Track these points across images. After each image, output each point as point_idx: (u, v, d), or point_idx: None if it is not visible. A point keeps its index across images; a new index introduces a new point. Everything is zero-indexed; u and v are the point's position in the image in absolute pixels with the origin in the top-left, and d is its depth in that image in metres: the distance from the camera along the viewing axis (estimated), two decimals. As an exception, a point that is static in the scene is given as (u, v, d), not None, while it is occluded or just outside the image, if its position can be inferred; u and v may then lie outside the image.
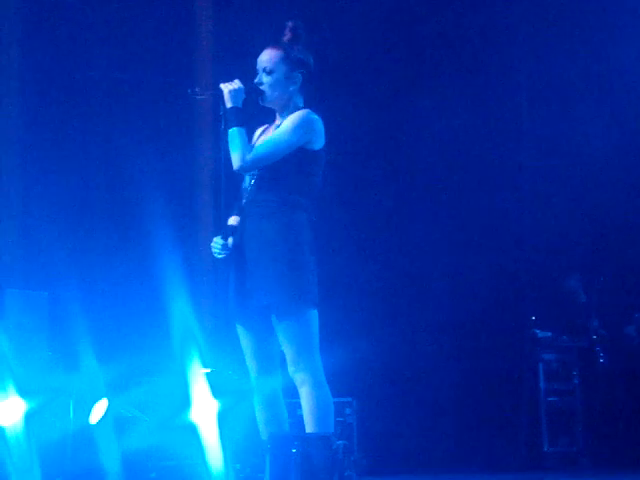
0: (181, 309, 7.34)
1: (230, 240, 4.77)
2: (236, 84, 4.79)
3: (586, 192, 9.06)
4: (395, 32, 8.79)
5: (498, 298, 8.75)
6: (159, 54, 7.95)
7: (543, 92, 9.06)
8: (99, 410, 7.19)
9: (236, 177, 4.83)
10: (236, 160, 4.71)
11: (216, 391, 6.97)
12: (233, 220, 4.89)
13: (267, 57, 4.84)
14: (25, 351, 7.16)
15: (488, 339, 8.77)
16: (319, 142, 4.76)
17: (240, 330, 4.86)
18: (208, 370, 7.04)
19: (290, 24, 4.88)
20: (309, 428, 4.63)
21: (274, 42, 4.89)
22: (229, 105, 4.75)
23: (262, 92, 4.84)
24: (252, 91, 4.82)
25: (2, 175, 7.82)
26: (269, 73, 4.83)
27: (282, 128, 4.74)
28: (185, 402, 7.11)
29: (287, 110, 4.84)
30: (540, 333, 8.92)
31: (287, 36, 4.87)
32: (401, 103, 8.87)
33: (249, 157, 4.69)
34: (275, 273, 4.63)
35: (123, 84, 7.90)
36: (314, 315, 4.69)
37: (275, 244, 4.67)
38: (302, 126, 4.71)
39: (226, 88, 4.78)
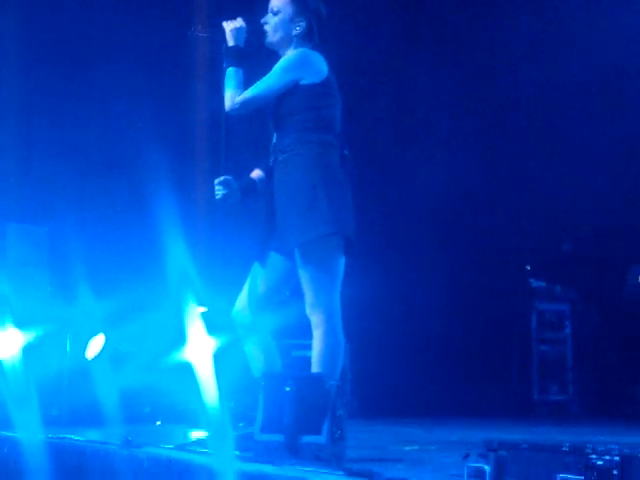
0: (177, 247, 7.36)
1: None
2: (238, 22, 4.77)
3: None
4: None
5: (494, 247, 8.79)
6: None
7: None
8: (96, 345, 7.26)
9: (237, 120, 4.82)
10: (227, 101, 4.71)
11: (212, 329, 7.02)
12: (254, 173, 4.91)
13: None
14: (24, 285, 7.20)
15: (483, 287, 8.83)
16: (317, 75, 4.68)
17: (256, 269, 4.85)
18: (203, 309, 7.08)
19: None
20: (315, 370, 4.67)
21: None
22: (230, 43, 4.75)
23: (265, 32, 4.81)
24: (255, 31, 4.79)
25: (2, 113, 7.81)
26: (275, 13, 4.80)
27: (273, 70, 4.71)
28: (180, 339, 7.17)
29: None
30: (534, 282, 8.98)
31: None
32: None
33: (238, 99, 4.69)
34: (297, 214, 4.63)
35: (121, 24, 7.84)
36: (338, 260, 4.68)
37: (298, 187, 4.66)
38: (292, 65, 4.68)
39: (228, 26, 4.77)
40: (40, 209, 7.64)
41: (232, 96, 4.70)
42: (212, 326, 6.91)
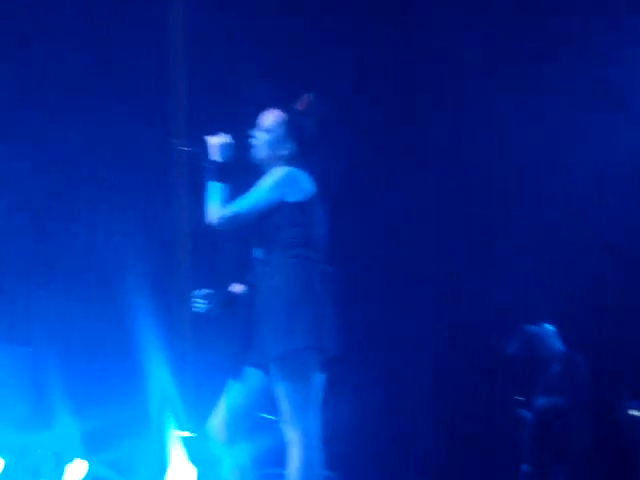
0: (158, 371, 7.30)
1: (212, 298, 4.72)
2: (224, 138, 4.78)
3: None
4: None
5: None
6: (142, 108, 7.95)
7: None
8: (77, 472, 7.11)
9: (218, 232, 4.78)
10: (213, 215, 4.69)
11: (193, 457, 6.89)
12: (235, 288, 4.87)
13: (269, 116, 4.82)
14: (4, 406, 7.09)
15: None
16: (303, 194, 4.68)
17: (231, 388, 4.76)
18: (186, 434, 6.96)
19: (307, 96, 4.85)
20: (289, 489, 4.54)
21: (282, 105, 4.86)
22: (214, 158, 4.74)
23: (251, 147, 4.81)
24: (240, 146, 4.79)
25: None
26: (264, 131, 4.82)
27: (260, 186, 4.71)
28: (162, 466, 7.04)
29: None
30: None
31: (299, 105, 4.84)
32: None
33: (223, 214, 4.66)
34: (275, 328, 4.56)
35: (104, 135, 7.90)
36: (314, 375, 4.58)
37: (276, 300, 4.59)
38: (277, 183, 4.66)
39: (213, 141, 4.77)
40: (22, 330, 7.55)
41: (217, 210, 4.67)
42: (194, 453, 6.79)
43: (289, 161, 4.79)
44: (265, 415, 6.67)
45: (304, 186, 4.71)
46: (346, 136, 8.27)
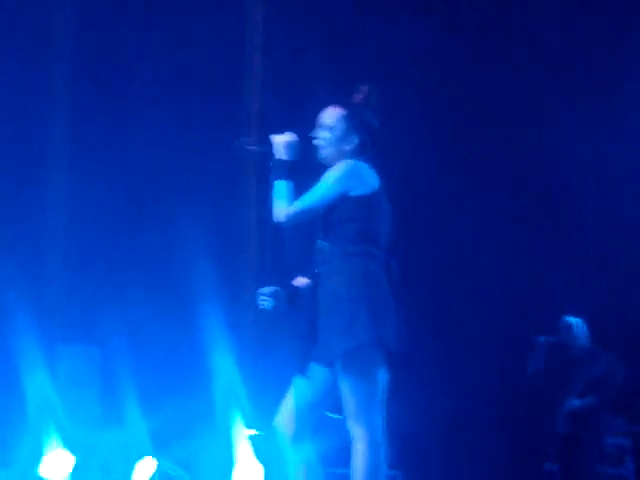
0: (225, 365, 7.33)
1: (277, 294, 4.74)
2: (289, 137, 4.79)
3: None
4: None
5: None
6: (210, 108, 8.03)
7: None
8: (146, 469, 7.18)
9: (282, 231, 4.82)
10: (277, 212, 4.70)
11: (260, 454, 6.92)
12: (299, 282, 4.89)
13: (329, 113, 4.80)
14: (75, 406, 7.19)
15: (536, 415, 8.61)
16: (367, 187, 4.66)
17: (297, 384, 4.78)
18: (252, 431, 7.00)
19: (364, 87, 4.83)
20: (354, 487, 4.56)
21: (341, 100, 4.83)
22: (280, 157, 4.77)
23: (315, 147, 4.82)
24: (305, 146, 4.82)
25: (57, 235, 7.93)
26: (327, 129, 4.80)
27: (323, 181, 4.71)
28: (229, 464, 7.07)
29: None
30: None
31: (357, 98, 4.81)
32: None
33: (289, 210, 4.68)
34: (339, 324, 4.54)
35: (173, 140, 7.99)
36: (379, 371, 4.56)
37: (340, 297, 4.58)
38: (342, 177, 4.65)
39: (278, 139, 4.80)
40: (91, 329, 7.64)
41: (283, 208, 4.69)
42: (260, 450, 6.82)
43: (353, 155, 4.77)
44: (331, 414, 6.72)
45: (369, 180, 4.68)
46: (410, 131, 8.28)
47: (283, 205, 4.70)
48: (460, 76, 8.78)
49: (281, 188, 4.73)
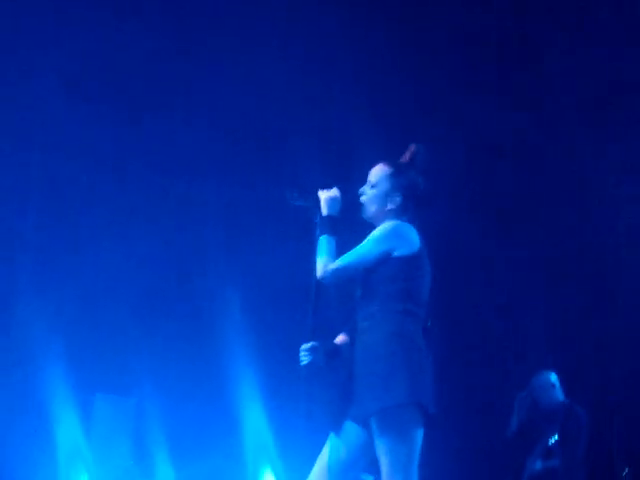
0: (255, 419, 7.29)
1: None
2: (333, 192, 4.83)
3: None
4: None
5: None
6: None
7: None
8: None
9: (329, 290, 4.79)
10: (320, 269, 4.73)
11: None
12: (339, 339, 4.87)
13: (375, 171, 4.87)
14: (107, 455, 7.16)
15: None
16: (409, 248, 4.69)
17: (331, 443, 4.73)
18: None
19: (412, 147, 4.89)
20: None
21: (388, 159, 4.90)
22: (325, 213, 4.78)
23: (361, 203, 4.83)
24: (351, 201, 4.82)
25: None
26: (372, 186, 4.86)
27: (367, 240, 4.75)
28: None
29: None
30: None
31: (405, 157, 4.88)
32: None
33: (331, 267, 4.70)
34: (374, 382, 4.52)
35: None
36: (415, 431, 4.51)
37: (377, 354, 4.58)
38: (385, 237, 4.71)
39: (323, 195, 4.82)
40: (127, 381, 7.63)
41: (325, 264, 4.71)
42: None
43: (398, 215, 4.82)
44: (365, 475, 6.63)
45: (412, 240, 4.71)
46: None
47: (325, 261, 4.70)
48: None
49: (324, 244, 4.75)
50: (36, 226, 7.91)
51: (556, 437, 7.27)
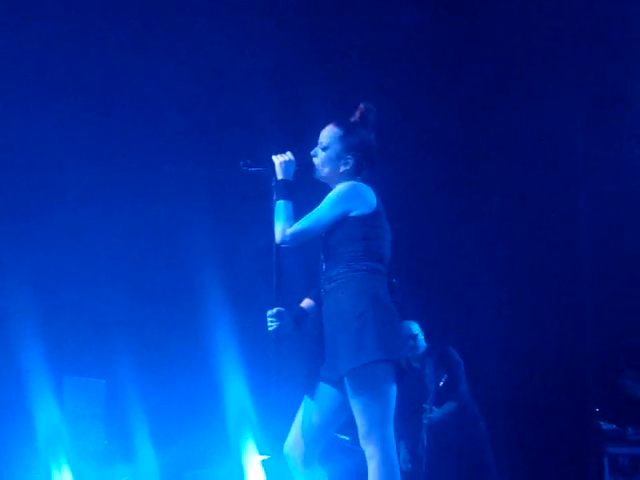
0: (236, 393, 7.29)
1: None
2: (287, 156, 4.79)
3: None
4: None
5: (561, 388, 8.54)
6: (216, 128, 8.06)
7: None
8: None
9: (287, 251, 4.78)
10: (278, 233, 4.69)
11: (271, 479, 6.87)
12: (305, 303, 4.87)
13: (326, 133, 4.83)
14: (82, 439, 7.14)
15: (551, 430, 8.54)
16: (366, 207, 4.68)
17: (305, 406, 4.75)
18: (264, 457, 6.95)
19: (362, 106, 4.84)
20: (371, 503, 4.48)
21: (338, 120, 4.85)
22: (280, 177, 4.76)
23: (313, 166, 4.81)
24: (305, 164, 4.80)
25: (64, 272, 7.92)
26: (323, 149, 4.82)
27: (323, 202, 4.71)
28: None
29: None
30: (605, 425, 8.66)
31: (354, 117, 4.83)
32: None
33: (289, 231, 4.67)
34: (346, 342, 4.53)
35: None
36: (389, 387, 4.53)
37: (346, 314, 4.58)
38: (341, 198, 4.68)
39: (277, 160, 4.79)
40: (97, 362, 7.60)
41: (283, 229, 4.67)
42: (272, 474, 6.77)
43: (352, 175, 4.79)
44: (340, 435, 6.66)
45: (368, 199, 4.70)
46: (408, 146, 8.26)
47: (283, 225, 4.69)
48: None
49: (281, 209, 4.72)
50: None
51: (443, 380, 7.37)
